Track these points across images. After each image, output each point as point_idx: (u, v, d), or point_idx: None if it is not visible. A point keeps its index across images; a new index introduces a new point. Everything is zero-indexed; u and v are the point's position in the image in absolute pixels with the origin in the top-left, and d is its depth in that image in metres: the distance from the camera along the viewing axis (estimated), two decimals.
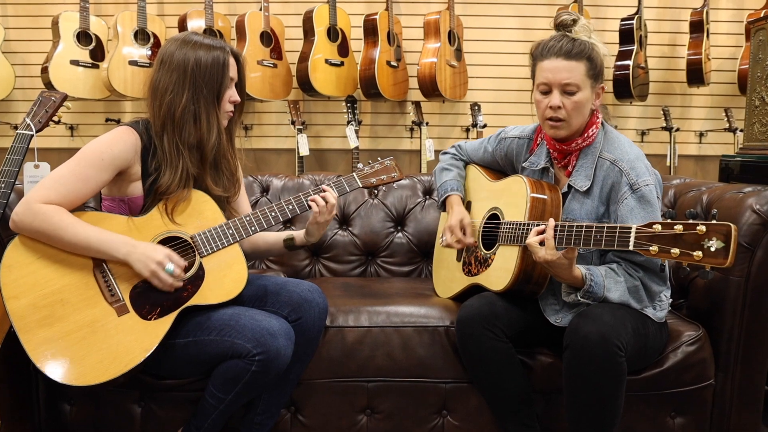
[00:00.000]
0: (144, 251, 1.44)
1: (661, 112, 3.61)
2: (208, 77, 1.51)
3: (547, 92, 1.56)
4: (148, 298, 1.48)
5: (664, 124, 3.59)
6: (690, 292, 1.84)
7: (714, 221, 1.20)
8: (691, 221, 1.23)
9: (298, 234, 1.73)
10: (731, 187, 1.85)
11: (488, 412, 1.70)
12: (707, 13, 3.53)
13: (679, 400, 1.68)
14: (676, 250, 1.23)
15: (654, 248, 1.26)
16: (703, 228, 1.20)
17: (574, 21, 1.55)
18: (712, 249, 1.19)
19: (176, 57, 1.51)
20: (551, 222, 1.44)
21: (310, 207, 1.64)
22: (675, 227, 1.24)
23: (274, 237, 1.78)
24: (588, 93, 1.55)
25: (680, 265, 1.25)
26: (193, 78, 1.50)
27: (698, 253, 1.21)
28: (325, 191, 1.65)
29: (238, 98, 1.58)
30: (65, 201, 1.46)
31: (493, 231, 1.72)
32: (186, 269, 1.52)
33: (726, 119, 3.60)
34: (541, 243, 1.45)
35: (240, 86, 1.62)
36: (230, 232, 1.55)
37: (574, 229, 1.42)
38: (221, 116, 1.57)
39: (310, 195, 1.64)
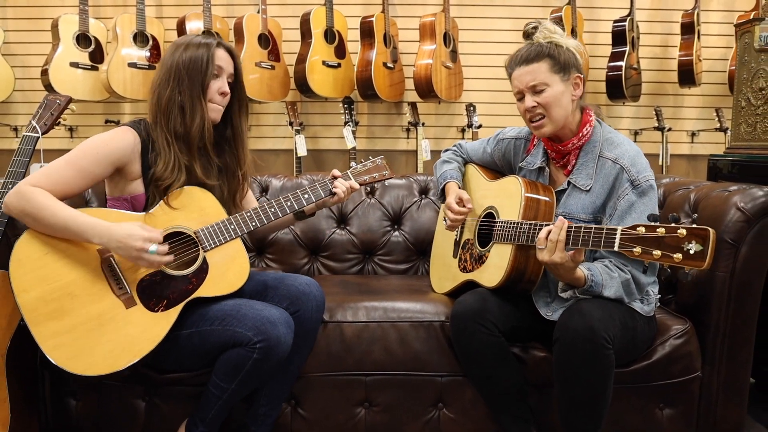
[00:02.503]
0: (120, 239, 1.44)
1: (654, 113, 3.65)
2: (191, 68, 1.57)
3: (521, 98, 1.66)
4: (155, 291, 1.52)
5: (657, 124, 3.64)
6: (678, 287, 1.89)
7: (694, 225, 1.26)
8: (672, 225, 1.28)
9: (308, 207, 1.76)
10: (718, 186, 1.90)
11: (483, 405, 1.74)
12: (698, 14, 3.58)
13: (667, 392, 1.73)
14: (657, 252, 1.29)
15: (637, 250, 1.32)
16: (684, 231, 1.26)
17: (534, 29, 1.66)
18: (691, 252, 1.25)
19: (168, 56, 1.60)
20: (565, 223, 1.46)
21: (322, 196, 1.73)
22: (657, 230, 1.30)
23: None
24: (559, 87, 1.62)
25: (662, 266, 1.30)
26: (177, 70, 1.57)
27: (678, 256, 1.26)
28: (336, 186, 1.73)
29: (227, 89, 1.62)
30: (56, 188, 1.50)
31: (488, 229, 1.77)
32: (190, 263, 1.57)
33: (717, 119, 3.66)
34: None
35: (236, 79, 1.66)
36: (232, 227, 1.60)
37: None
38: (207, 106, 1.60)
39: (307, 192, 1.70)
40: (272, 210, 1.65)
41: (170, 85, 1.58)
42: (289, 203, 1.68)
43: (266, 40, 3.34)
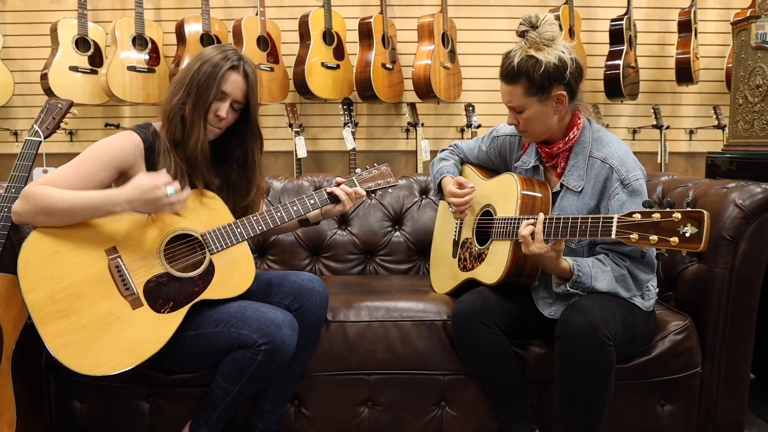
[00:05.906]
0: (141, 195, 1.46)
1: (652, 111, 3.67)
2: (202, 83, 1.56)
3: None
4: (161, 293, 1.53)
5: (655, 122, 3.66)
6: (678, 284, 1.90)
7: (688, 209, 1.28)
8: (667, 209, 1.30)
9: (312, 214, 1.77)
10: (716, 183, 1.91)
11: (485, 403, 1.76)
12: (695, 12, 3.60)
13: (667, 388, 1.74)
14: (654, 237, 1.31)
15: (634, 236, 1.34)
16: (678, 215, 1.28)
17: (523, 34, 1.58)
18: (687, 234, 1.27)
19: (188, 64, 1.61)
20: (541, 216, 1.51)
21: (327, 201, 1.72)
22: (653, 215, 1.32)
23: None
24: (536, 108, 1.60)
25: (659, 250, 1.32)
26: (190, 82, 1.57)
27: (674, 239, 1.28)
28: (338, 192, 1.71)
29: (223, 114, 1.58)
30: None
31: (486, 227, 1.79)
32: (196, 265, 1.58)
33: (715, 117, 3.67)
34: (532, 236, 1.51)
35: (248, 106, 1.62)
36: (239, 230, 1.61)
37: (561, 220, 1.49)
38: (204, 127, 1.58)
39: (313, 197, 1.71)
40: (278, 214, 1.67)
41: (180, 93, 1.57)
42: (295, 207, 1.69)
43: (265, 43, 3.36)
